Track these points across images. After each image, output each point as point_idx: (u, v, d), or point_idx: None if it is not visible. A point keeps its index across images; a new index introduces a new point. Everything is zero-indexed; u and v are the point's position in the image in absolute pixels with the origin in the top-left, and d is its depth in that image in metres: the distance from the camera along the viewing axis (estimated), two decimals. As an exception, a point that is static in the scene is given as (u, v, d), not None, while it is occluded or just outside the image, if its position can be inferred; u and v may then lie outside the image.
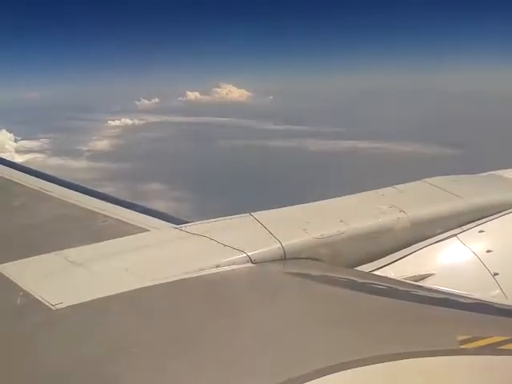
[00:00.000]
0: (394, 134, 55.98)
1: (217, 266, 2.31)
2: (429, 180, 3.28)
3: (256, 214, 2.81)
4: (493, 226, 2.88)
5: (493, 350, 1.58)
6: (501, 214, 2.93)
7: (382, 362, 1.51)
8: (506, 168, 3.61)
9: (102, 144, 64.18)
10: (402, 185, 3.23)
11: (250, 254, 2.40)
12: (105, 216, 3.23)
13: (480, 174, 3.59)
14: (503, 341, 1.63)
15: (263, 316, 1.94)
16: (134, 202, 3.61)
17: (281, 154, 53.25)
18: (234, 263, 2.35)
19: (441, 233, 2.84)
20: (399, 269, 2.69)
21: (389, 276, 2.64)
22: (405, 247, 2.78)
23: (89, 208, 3.39)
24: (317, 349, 1.65)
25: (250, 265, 2.38)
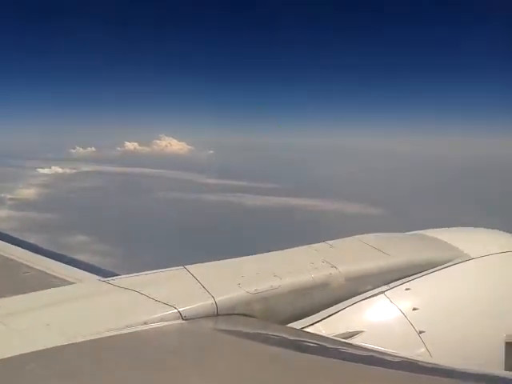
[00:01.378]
0: (326, 191, 58.12)
1: (145, 323, 2.20)
2: (360, 237, 3.38)
3: (190, 268, 2.74)
4: (418, 284, 2.98)
5: None
6: (426, 272, 3.05)
7: None
8: (431, 228, 3.79)
9: (27, 192, 61.28)
10: (335, 240, 3.31)
11: (181, 309, 2.31)
12: (27, 267, 3.04)
13: (408, 233, 3.76)
14: None
15: (190, 375, 1.86)
16: (58, 252, 3.43)
17: (216, 208, 53.33)
18: (163, 319, 2.25)
19: (370, 289, 2.90)
20: (330, 325, 2.70)
21: (320, 333, 2.64)
22: (336, 303, 2.81)
23: (9, 257, 3.17)
24: None
25: (181, 321, 2.29)
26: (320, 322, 2.72)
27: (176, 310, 2.30)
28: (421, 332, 2.71)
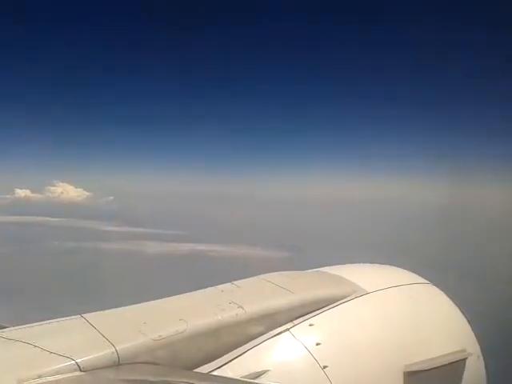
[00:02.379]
0: (233, 236, 58.39)
1: (39, 377, 2.03)
2: (264, 276, 3.45)
3: (88, 316, 2.60)
4: (320, 319, 3.09)
5: None
6: (328, 307, 3.17)
7: None
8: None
9: None
10: (240, 281, 3.34)
11: (78, 360, 2.17)
12: None
13: (309, 270, 3.90)
14: None
15: None
16: None
17: (116, 257, 51.04)
18: (59, 372, 2.10)
19: (275, 327, 2.95)
20: (237, 367, 2.68)
21: (227, 375, 2.61)
22: (243, 344, 2.80)
23: None
24: None
25: (79, 373, 2.15)
26: (227, 364, 2.69)
27: (73, 362, 2.16)
28: (325, 367, 2.79)
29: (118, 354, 2.30)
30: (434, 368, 3.02)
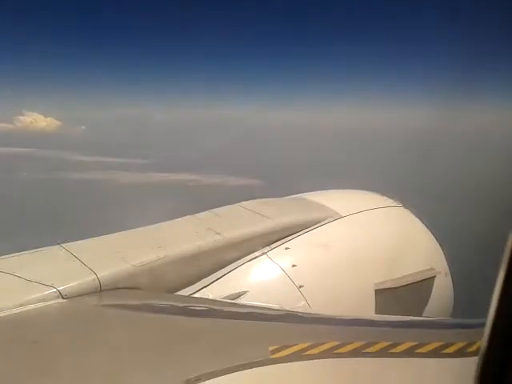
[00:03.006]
0: (207, 165, 58.08)
1: (21, 305, 2.06)
2: (242, 204, 3.50)
3: (68, 245, 2.60)
4: (296, 242, 3.19)
5: (298, 356, 1.72)
6: (303, 231, 3.26)
7: (200, 382, 1.52)
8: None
9: None
10: (218, 209, 3.37)
11: (60, 288, 2.20)
12: None
13: (286, 197, 3.97)
14: (307, 347, 1.79)
15: (77, 355, 1.78)
16: None
17: (87, 187, 50.49)
18: (42, 300, 2.14)
19: (253, 251, 3.03)
20: (216, 289, 2.78)
21: (207, 297, 2.70)
22: (222, 268, 2.88)
23: None
24: (139, 377, 1.58)
25: (61, 300, 2.18)
26: (207, 287, 2.78)
27: (55, 290, 2.19)
28: (300, 286, 2.91)
29: (99, 280, 2.33)
30: (404, 286, 3.18)
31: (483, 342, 0.89)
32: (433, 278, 3.39)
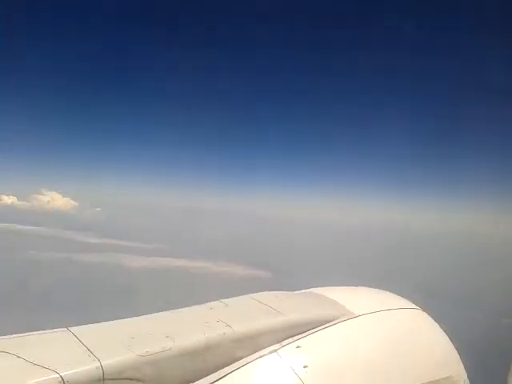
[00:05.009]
0: (214, 253, 57.85)
1: None
2: (254, 295, 3.41)
3: (74, 329, 2.53)
4: (308, 341, 3.05)
5: None
6: (316, 329, 3.14)
7: None
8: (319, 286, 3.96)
9: None
10: (229, 299, 3.30)
11: (62, 374, 2.11)
12: None
13: (298, 292, 3.88)
14: None
15: None
16: None
17: (95, 270, 50.24)
18: None
19: (262, 348, 2.91)
20: None
21: None
22: (230, 363, 2.76)
23: None
24: None
25: None
26: None
27: (57, 375, 2.10)
28: None
29: (103, 368, 2.24)
30: None
31: None
32: None
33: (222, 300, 3.25)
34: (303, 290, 3.89)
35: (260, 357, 2.87)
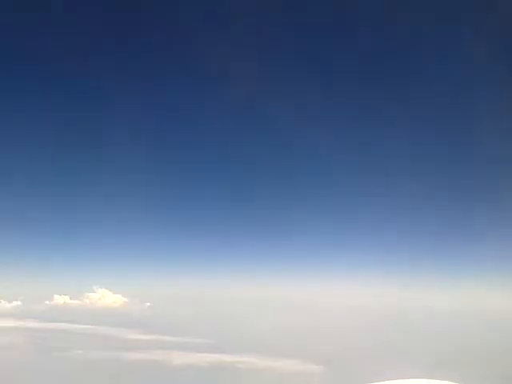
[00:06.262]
0: (265, 347, 54.45)
1: None
2: None
3: None
4: None
5: None
6: None
7: None
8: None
9: None
10: None
11: None
12: None
13: None
14: None
15: None
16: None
17: (139, 368, 48.13)
18: None
19: None
20: None
21: None
22: None
23: None
24: None
25: None
26: None
27: None
28: None
29: None
30: None
31: None
32: None
33: None
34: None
35: None
